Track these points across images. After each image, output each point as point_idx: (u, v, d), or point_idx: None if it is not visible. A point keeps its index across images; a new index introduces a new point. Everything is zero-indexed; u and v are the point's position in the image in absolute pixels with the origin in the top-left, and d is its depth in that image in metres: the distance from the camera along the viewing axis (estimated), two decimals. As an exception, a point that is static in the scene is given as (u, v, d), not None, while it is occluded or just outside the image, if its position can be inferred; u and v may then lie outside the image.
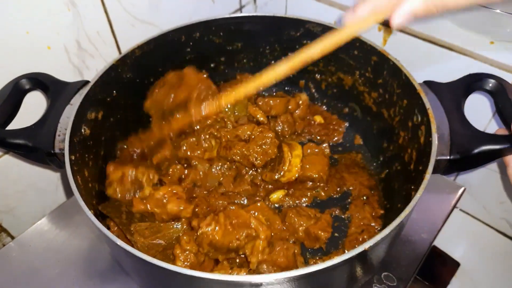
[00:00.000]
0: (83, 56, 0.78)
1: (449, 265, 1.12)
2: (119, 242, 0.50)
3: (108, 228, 0.66)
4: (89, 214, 0.54)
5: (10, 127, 0.65)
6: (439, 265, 1.12)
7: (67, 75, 0.76)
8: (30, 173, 0.83)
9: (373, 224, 0.73)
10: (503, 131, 0.61)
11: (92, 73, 0.81)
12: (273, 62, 0.91)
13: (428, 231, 0.78)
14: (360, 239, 0.71)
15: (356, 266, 0.53)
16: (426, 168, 0.57)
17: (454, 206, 0.83)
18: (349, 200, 0.78)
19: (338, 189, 0.79)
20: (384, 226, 0.56)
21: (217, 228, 0.62)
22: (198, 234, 0.63)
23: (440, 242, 1.12)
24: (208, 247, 0.62)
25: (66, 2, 0.70)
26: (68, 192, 0.92)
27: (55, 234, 0.78)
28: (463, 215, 1.09)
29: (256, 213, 0.70)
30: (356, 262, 0.51)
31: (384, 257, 0.65)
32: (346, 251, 0.61)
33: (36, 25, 0.69)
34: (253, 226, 0.64)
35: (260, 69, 0.90)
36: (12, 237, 0.85)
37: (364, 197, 0.78)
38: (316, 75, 0.90)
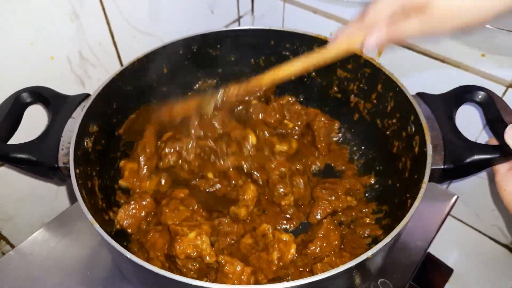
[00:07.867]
0: (85, 66, 0.79)
1: (442, 272, 1.14)
2: (129, 255, 0.51)
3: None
4: (97, 227, 0.55)
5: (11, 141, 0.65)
6: (433, 272, 1.14)
7: (69, 85, 0.78)
8: (29, 181, 0.83)
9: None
10: (494, 141, 0.63)
11: (93, 83, 0.82)
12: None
13: (423, 239, 0.80)
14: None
15: (355, 275, 0.54)
16: (421, 177, 0.59)
17: (448, 214, 0.85)
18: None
19: None
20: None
21: None
22: None
23: (434, 249, 1.13)
24: None
25: (69, 14, 0.72)
26: (68, 200, 0.92)
27: (55, 242, 0.79)
28: (456, 223, 1.11)
29: None
30: (356, 271, 0.53)
31: (381, 264, 0.67)
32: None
33: (40, 36, 0.70)
34: None
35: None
36: (12, 246, 0.85)
37: None
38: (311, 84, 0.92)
